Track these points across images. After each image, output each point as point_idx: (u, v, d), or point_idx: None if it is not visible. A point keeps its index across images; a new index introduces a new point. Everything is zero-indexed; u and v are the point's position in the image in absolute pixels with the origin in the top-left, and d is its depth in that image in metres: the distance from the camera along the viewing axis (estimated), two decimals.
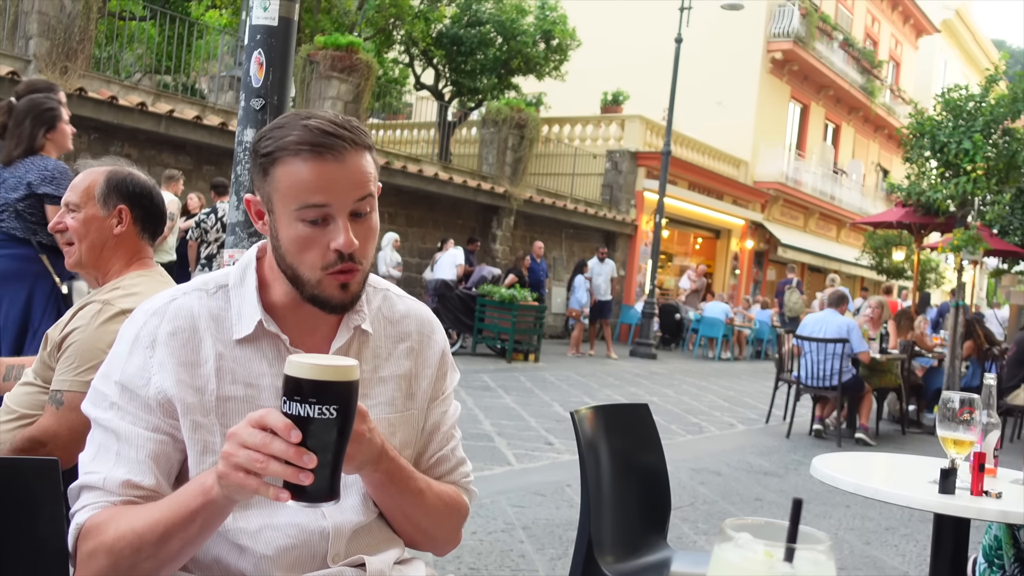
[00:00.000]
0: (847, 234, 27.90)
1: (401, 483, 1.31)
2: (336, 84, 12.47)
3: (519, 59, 17.10)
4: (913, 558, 4.37)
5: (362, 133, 1.26)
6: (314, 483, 1.03)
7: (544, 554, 3.83)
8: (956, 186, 10.21)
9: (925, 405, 9.49)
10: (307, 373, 1.03)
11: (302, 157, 1.21)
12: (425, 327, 1.46)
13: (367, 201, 1.25)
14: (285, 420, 1.03)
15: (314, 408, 1.02)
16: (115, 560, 1.16)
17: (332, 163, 1.21)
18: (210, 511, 1.13)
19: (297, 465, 1.02)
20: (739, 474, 6.08)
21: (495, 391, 8.79)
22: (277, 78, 3.26)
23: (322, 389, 1.03)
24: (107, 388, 1.27)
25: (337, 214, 1.23)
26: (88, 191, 2.10)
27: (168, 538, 1.14)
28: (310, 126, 1.22)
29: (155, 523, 1.15)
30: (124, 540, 1.16)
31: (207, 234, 7.95)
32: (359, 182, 1.24)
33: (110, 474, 1.21)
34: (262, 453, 1.03)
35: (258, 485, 1.05)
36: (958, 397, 2.15)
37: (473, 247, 14.29)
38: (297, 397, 1.03)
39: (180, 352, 1.26)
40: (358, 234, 1.25)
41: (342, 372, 1.05)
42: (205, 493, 1.12)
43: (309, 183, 1.21)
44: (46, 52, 9.30)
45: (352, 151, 1.23)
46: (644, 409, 2.57)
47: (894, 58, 31.10)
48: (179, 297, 1.31)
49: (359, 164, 1.24)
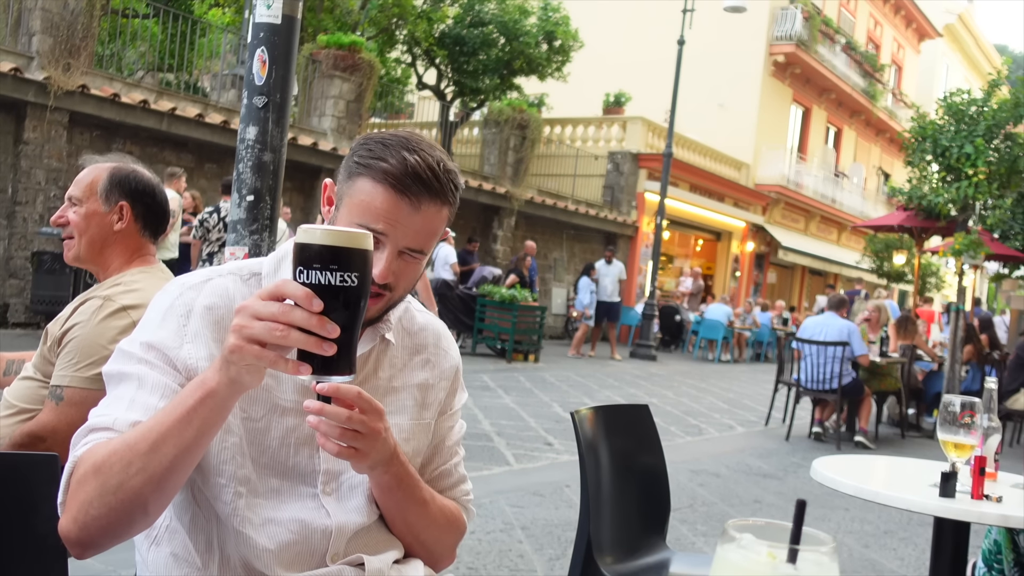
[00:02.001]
0: (848, 237, 27.90)
1: (408, 489, 1.32)
2: (338, 83, 12.47)
3: (521, 60, 17.10)
4: (912, 562, 4.37)
5: (450, 191, 1.27)
6: (331, 354, 0.99)
7: (543, 554, 3.82)
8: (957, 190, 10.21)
9: (925, 409, 9.49)
10: (325, 239, 0.99)
11: (384, 186, 1.23)
12: (442, 341, 1.49)
13: (422, 252, 1.28)
14: (305, 288, 0.99)
15: (335, 275, 0.98)
16: (103, 479, 1.08)
17: (406, 204, 1.23)
18: (209, 406, 1.06)
19: (319, 335, 0.99)
20: (738, 476, 6.07)
21: (495, 391, 8.79)
22: (280, 76, 3.26)
23: (343, 256, 0.99)
24: (133, 348, 1.23)
25: (388, 244, 1.24)
26: (91, 186, 2.10)
27: (160, 444, 1.06)
28: (408, 162, 1.23)
29: (148, 430, 1.08)
30: (115, 454, 1.08)
31: (209, 233, 7.94)
32: (422, 232, 1.26)
33: (122, 416, 1.16)
34: (281, 322, 0.98)
35: (275, 358, 1.00)
36: (959, 401, 2.15)
37: (472, 247, 14.28)
38: (317, 264, 0.98)
39: (214, 327, 1.24)
40: (400, 269, 1.27)
41: (358, 239, 1.01)
42: (202, 386, 1.06)
43: (377, 211, 1.23)
44: (49, 49, 9.30)
45: (431, 201, 1.25)
46: (644, 410, 2.57)
47: (896, 62, 31.10)
48: (215, 278, 1.30)
49: (430, 217, 1.26)
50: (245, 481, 1.25)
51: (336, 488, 1.31)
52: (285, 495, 1.28)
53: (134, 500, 1.08)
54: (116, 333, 1.89)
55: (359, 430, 1.13)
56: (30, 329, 9.38)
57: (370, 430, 1.14)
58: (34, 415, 1.93)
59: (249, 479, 1.25)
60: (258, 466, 1.26)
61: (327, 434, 1.12)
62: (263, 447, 1.26)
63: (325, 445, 1.13)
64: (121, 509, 1.08)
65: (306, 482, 1.29)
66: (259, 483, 1.26)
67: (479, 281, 12.40)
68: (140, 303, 1.94)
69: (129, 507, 1.08)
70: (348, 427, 1.12)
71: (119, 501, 1.08)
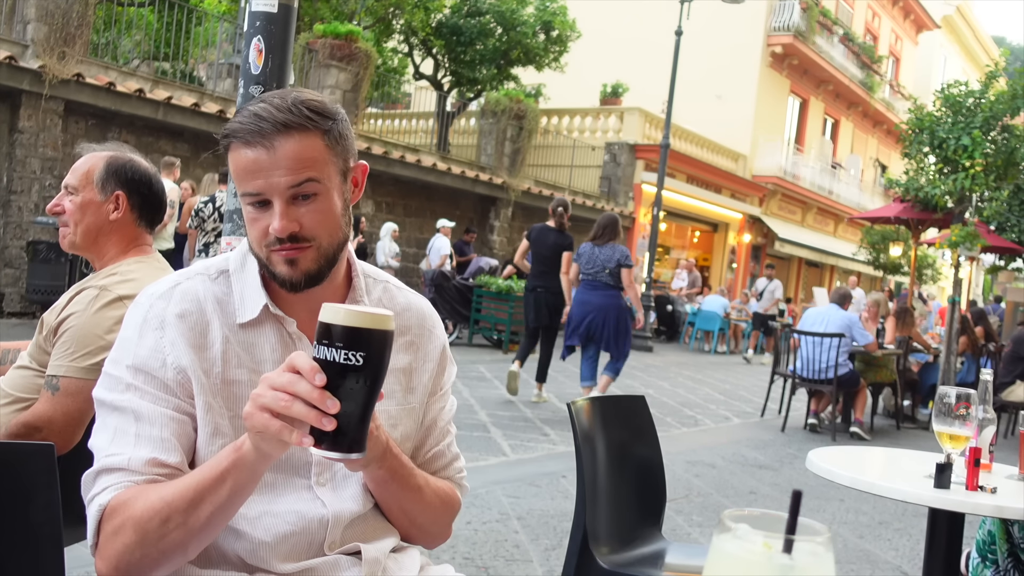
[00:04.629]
0: (845, 229, 27.92)
1: (402, 480, 1.32)
2: (335, 73, 12.44)
3: (518, 50, 17.06)
4: (907, 552, 4.39)
5: (306, 116, 1.21)
6: (338, 431, 1.02)
7: (538, 544, 3.83)
8: (954, 182, 10.20)
9: (920, 400, 9.52)
10: (338, 319, 1.02)
11: (239, 144, 1.22)
12: (426, 321, 1.46)
13: (307, 185, 1.22)
14: (311, 362, 1.02)
15: (340, 353, 1.01)
16: (143, 533, 1.13)
17: (261, 150, 1.20)
18: (240, 470, 1.11)
19: (320, 409, 1.01)
20: (734, 467, 6.09)
21: (491, 382, 8.80)
22: (276, 65, 3.25)
23: (351, 335, 1.02)
24: (120, 372, 1.24)
25: (272, 199, 1.22)
26: (87, 175, 2.09)
27: (198, 503, 1.12)
28: (251, 111, 1.21)
29: (185, 489, 1.13)
30: (152, 510, 1.13)
31: (204, 223, 7.93)
32: (291, 167, 1.21)
33: (134, 454, 1.18)
34: (287, 393, 1.02)
35: (280, 427, 1.03)
36: (955, 392, 2.15)
37: (469, 238, 14.27)
38: (325, 341, 1.02)
39: (189, 334, 1.25)
40: (304, 216, 1.23)
41: (375, 320, 1.03)
42: (236, 450, 1.11)
43: (244, 170, 1.22)
44: (44, 37, 9.26)
45: (285, 136, 1.20)
46: (640, 401, 2.57)
47: (894, 53, 31.07)
48: (183, 281, 1.30)
49: (292, 149, 1.20)
50: None
51: (330, 478, 1.31)
52: (280, 488, 1.28)
53: (175, 549, 1.15)
54: (112, 323, 1.89)
55: None
56: (26, 318, 9.37)
57: None
58: (30, 404, 1.93)
59: None
60: None
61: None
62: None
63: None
64: (162, 557, 1.15)
65: (299, 474, 1.29)
66: None
67: (476, 272, 12.39)
68: (136, 293, 1.94)
69: (171, 554, 1.16)
70: None
71: (160, 552, 1.15)
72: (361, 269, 1.40)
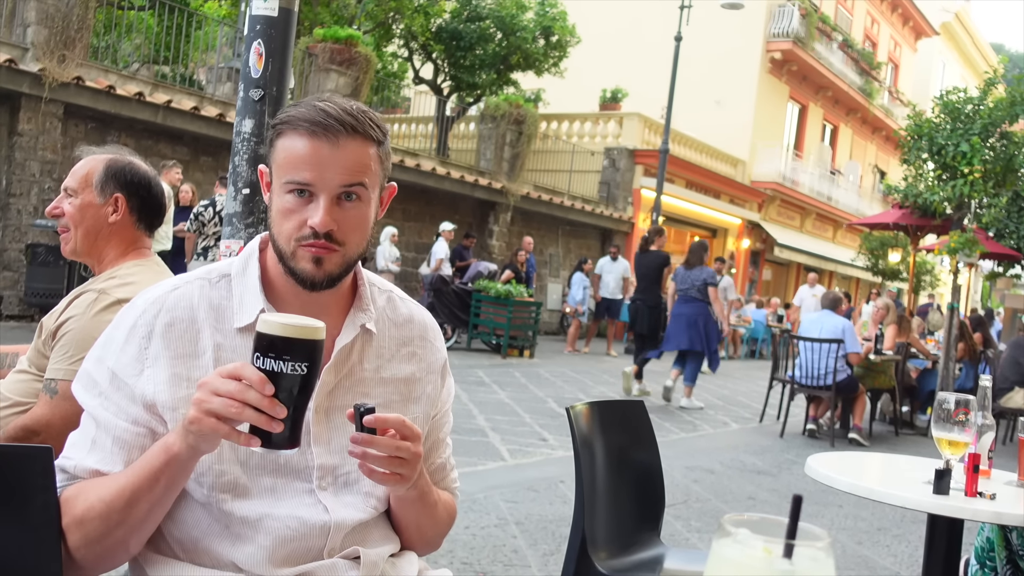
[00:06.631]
0: (843, 235, 27.93)
1: (425, 497, 1.35)
2: (335, 77, 12.44)
3: (518, 55, 17.08)
4: (905, 559, 4.38)
5: (369, 125, 1.26)
6: (279, 432, 1.09)
7: (537, 549, 3.83)
8: (953, 188, 10.20)
9: (918, 406, 9.52)
10: (280, 331, 1.08)
11: (299, 132, 1.24)
12: (429, 333, 1.47)
13: (356, 189, 1.25)
14: (259, 373, 1.08)
15: (287, 364, 1.08)
16: (86, 532, 1.18)
17: (325, 144, 1.23)
18: (173, 468, 1.16)
19: (268, 414, 1.07)
20: (732, 472, 6.08)
21: (489, 386, 8.79)
22: (276, 69, 3.25)
23: (293, 346, 1.09)
24: (98, 374, 1.27)
25: (320, 193, 1.24)
26: (86, 178, 2.09)
27: (135, 502, 1.17)
28: (318, 107, 1.24)
29: (121, 489, 1.17)
30: (93, 511, 1.18)
31: (204, 227, 7.91)
32: (349, 168, 1.24)
33: (81, 462, 1.25)
34: (237, 400, 1.07)
35: (229, 431, 1.09)
36: (954, 398, 2.15)
37: (468, 242, 14.27)
38: (271, 353, 1.08)
39: (176, 344, 1.26)
40: (342, 218, 1.25)
41: (311, 331, 1.10)
42: (167, 450, 1.15)
43: (299, 158, 1.23)
44: (44, 40, 9.26)
45: (350, 138, 1.24)
46: (639, 406, 2.57)
47: (893, 60, 31.12)
48: (181, 286, 1.31)
49: (355, 151, 1.24)
50: (231, 487, 1.25)
51: (332, 483, 1.30)
52: (280, 492, 1.27)
53: (117, 546, 1.21)
54: None
55: (404, 457, 1.19)
56: (24, 322, 9.36)
57: (413, 455, 1.20)
58: (28, 408, 1.93)
59: (236, 484, 1.25)
60: (248, 467, 1.26)
61: (374, 463, 1.18)
62: (251, 448, 1.26)
63: (371, 475, 1.19)
64: (105, 553, 1.22)
65: (300, 478, 1.29)
66: (251, 484, 1.26)
67: (475, 276, 12.39)
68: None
69: (113, 550, 1.22)
70: (395, 455, 1.18)
71: (104, 548, 1.21)
72: (367, 278, 1.41)
